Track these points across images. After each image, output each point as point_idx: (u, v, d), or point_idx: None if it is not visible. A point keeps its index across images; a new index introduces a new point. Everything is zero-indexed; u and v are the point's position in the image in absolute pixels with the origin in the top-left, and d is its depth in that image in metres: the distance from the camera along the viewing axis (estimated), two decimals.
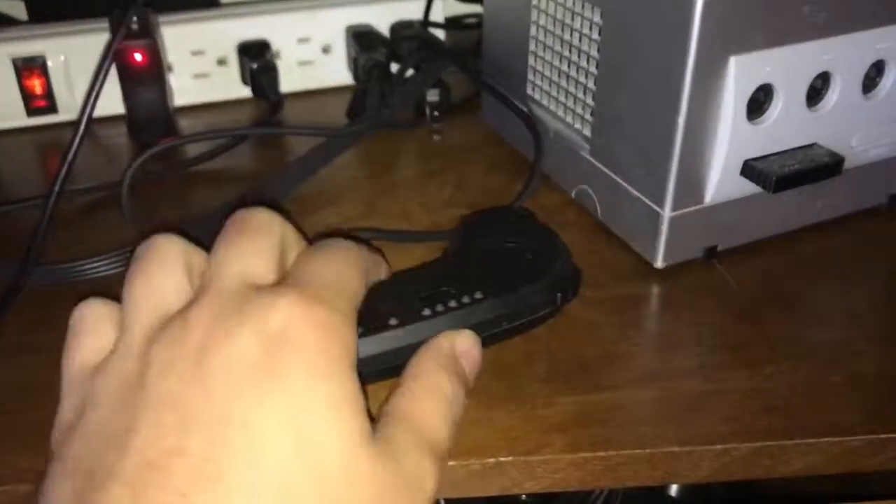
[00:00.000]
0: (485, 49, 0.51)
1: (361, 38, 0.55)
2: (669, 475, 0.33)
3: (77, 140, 0.39)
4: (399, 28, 0.56)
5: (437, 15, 0.59)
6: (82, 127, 0.39)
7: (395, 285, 0.34)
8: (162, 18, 0.52)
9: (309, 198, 0.46)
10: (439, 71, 0.51)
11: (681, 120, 0.36)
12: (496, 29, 0.50)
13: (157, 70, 0.49)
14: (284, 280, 0.28)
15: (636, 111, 0.39)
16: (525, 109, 0.47)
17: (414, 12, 0.58)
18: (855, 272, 0.41)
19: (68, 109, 0.53)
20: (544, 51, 0.45)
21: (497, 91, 0.49)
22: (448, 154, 0.51)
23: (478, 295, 0.33)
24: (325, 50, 0.57)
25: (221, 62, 0.55)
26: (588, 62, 0.42)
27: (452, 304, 0.33)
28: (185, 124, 0.53)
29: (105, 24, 0.52)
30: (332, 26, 0.56)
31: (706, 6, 0.34)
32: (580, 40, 0.42)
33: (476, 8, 0.65)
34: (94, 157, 0.51)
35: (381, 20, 0.57)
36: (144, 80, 0.49)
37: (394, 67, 0.54)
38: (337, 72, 0.58)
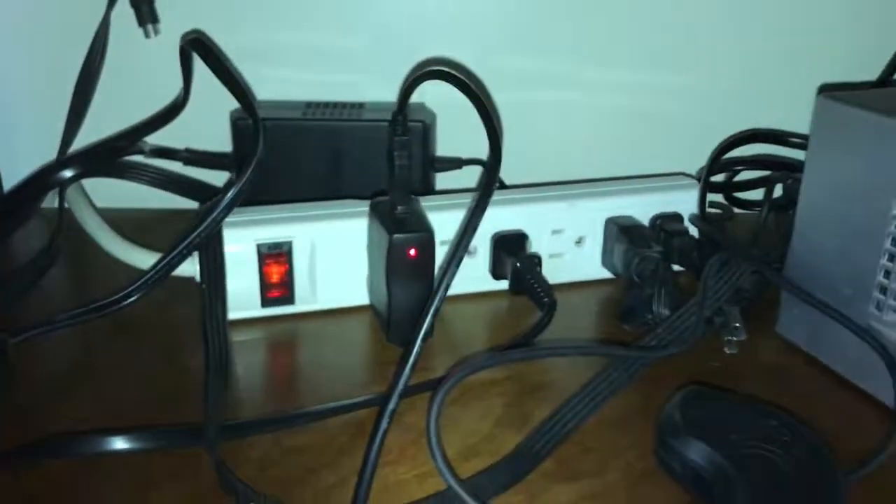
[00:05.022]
0: (793, 256, 0.45)
1: (631, 231, 0.49)
2: None
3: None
4: (662, 223, 0.51)
5: (687, 206, 0.54)
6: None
7: None
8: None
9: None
10: (739, 276, 0.45)
11: None
12: (814, 235, 0.43)
13: (428, 266, 0.43)
14: None
15: None
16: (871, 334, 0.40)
17: (668, 204, 0.52)
18: None
19: (306, 300, 0.48)
20: None
21: (829, 309, 0.42)
22: (748, 374, 0.43)
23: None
24: (578, 242, 0.52)
25: (470, 253, 0.49)
26: None
27: None
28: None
29: (352, 208, 0.48)
30: (586, 217, 0.51)
31: None
32: None
33: (716, 197, 0.60)
34: (344, 356, 0.45)
35: (637, 212, 0.52)
36: (414, 277, 0.43)
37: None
38: (587, 266, 0.52)
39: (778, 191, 0.55)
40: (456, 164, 0.61)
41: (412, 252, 0.43)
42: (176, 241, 0.44)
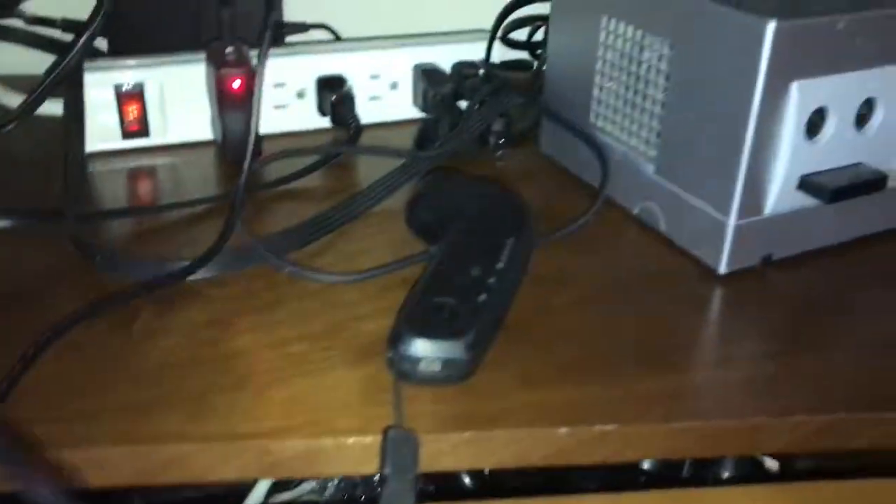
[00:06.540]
0: (547, 83, 0.56)
1: (430, 74, 0.60)
2: (752, 445, 0.37)
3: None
4: (461, 68, 0.62)
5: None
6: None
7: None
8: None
9: (380, 213, 0.51)
10: (505, 103, 0.56)
11: (748, 137, 0.41)
12: (559, 65, 0.55)
13: (251, 96, 0.54)
14: None
15: (705, 131, 0.44)
16: (589, 136, 0.52)
17: (471, 53, 0.63)
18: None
19: (159, 133, 0.58)
20: (610, 81, 0.50)
21: (562, 120, 0.54)
22: (511, 179, 0.55)
23: (500, 266, 0.39)
24: (393, 86, 0.62)
25: (300, 95, 0.60)
26: (656, 89, 0.47)
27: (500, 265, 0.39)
28: (268, 151, 0.58)
29: (195, 56, 0.57)
30: (400, 65, 0.62)
31: (775, 37, 0.39)
32: (648, 70, 0.47)
33: (521, 54, 0.71)
34: (190, 175, 0.55)
35: (444, 60, 0.62)
36: (241, 106, 0.53)
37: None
38: (403, 106, 0.63)
39: None
40: (301, 28, 0.70)
41: (236, 84, 0.53)
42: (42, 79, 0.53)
